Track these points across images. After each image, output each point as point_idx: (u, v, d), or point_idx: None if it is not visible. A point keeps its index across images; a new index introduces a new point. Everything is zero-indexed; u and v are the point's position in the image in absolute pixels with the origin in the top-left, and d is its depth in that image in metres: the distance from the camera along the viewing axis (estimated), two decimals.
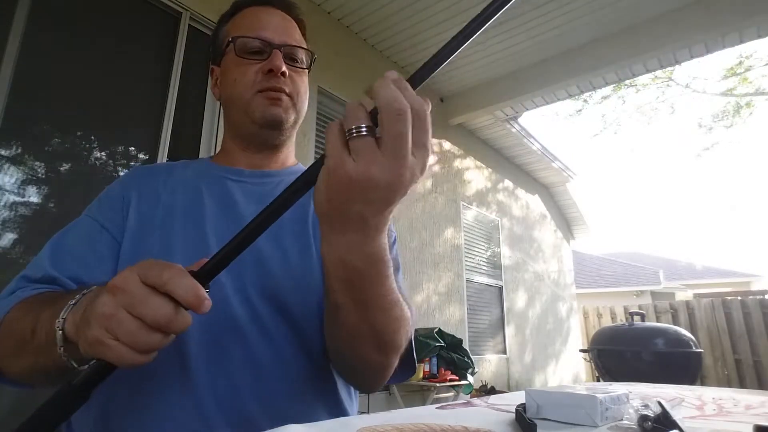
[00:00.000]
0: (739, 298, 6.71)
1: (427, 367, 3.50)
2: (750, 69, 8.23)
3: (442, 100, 4.84)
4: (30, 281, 0.56)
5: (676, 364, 3.99)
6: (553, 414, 0.44)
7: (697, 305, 6.88)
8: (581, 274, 12.29)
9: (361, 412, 0.52)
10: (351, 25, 3.66)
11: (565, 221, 7.89)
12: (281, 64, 0.66)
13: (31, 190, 1.87)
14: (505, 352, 5.33)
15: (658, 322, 6.52)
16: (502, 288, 5.53)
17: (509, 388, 5.02)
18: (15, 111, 1.83)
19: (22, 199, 1.84)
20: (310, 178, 0.38)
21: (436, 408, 0.51)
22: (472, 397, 3.19)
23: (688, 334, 4.27)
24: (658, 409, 0.40)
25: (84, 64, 2.12)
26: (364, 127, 0.35)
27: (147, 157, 2.27)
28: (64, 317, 0.42)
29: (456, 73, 4.37)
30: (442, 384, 3.43)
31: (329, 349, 0.57)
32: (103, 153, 2.15)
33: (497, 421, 0.44)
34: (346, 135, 0.36)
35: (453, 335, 3.72)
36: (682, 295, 11.74)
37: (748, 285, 13.46)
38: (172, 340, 0.37)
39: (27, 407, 1.64)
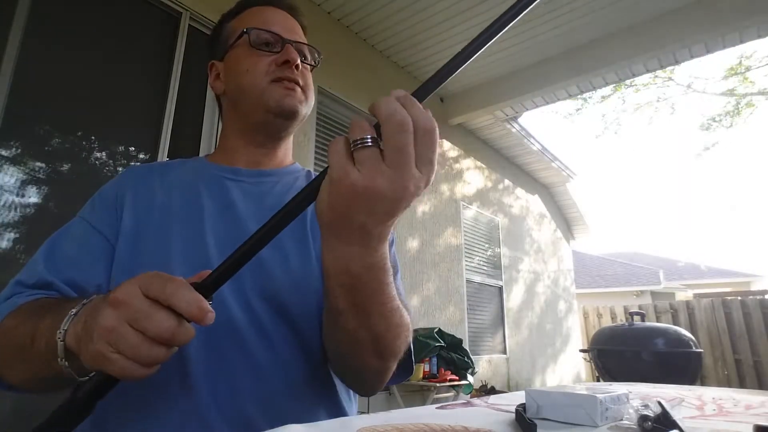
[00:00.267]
0: (739, 298, 6.70)
1: (427, 367, 3.50)
2: (749, 69, 8.24)
3: (442, 100, 4.85)
4: (25, 286, 0.55)
5: (676, 364, 3.99)
6: (553, 414, 0.44)
7: (697, 305, 6.87)
8: (581, 274, 12.29)
9: (361, 412, 0.52)
10: (351, 25, 3.66)
11: (564, 221, 7.89)
12: (296, 56, 0.67)
13: (31, 190, 1.87)
14: (504, 352, 5.33)
15: (658, 322, 6.52)
16: (501, 288, 5.53)
17: (509, 388, 5.02)
18: (15, 111, 1.82)
19: (22, 199, 1.83)
20: (313, 189, 0.38)
21: (436, 408, 0.51)
22: (472, 397, 3.19)
23: (688, 334, 4.27)
24: (658, 409, 0.40)
25: (84, 63, 2.11)
26: (369, 138, 0.35)
27: (147, 157, 2.27)
28: (65, 328, 0.41)
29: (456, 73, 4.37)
30: (442, 384, 3.42)
31: (328, 352, 0.57)
32: (103, 153, 2.15)
33: (497, 421, 0.44)
34: (351, 146, 0.36)
35: (453, 335, 3.72)
36: (682, 295, 11.75)
37: (748, 285, 13.48)
38: (175, 352, 0.37)
39: (27, 408, 1.65)
